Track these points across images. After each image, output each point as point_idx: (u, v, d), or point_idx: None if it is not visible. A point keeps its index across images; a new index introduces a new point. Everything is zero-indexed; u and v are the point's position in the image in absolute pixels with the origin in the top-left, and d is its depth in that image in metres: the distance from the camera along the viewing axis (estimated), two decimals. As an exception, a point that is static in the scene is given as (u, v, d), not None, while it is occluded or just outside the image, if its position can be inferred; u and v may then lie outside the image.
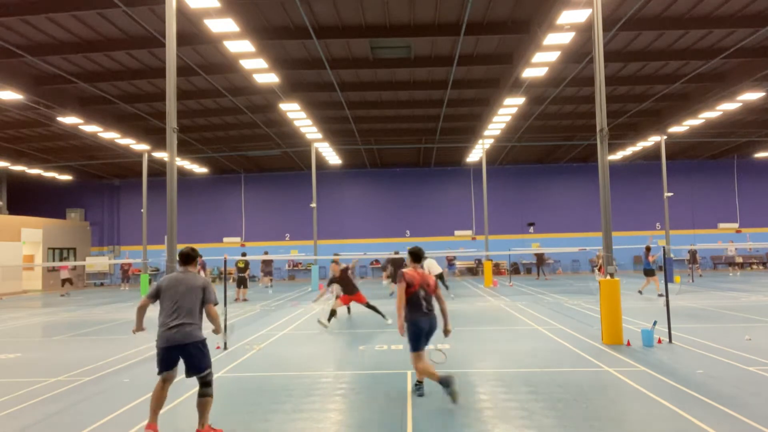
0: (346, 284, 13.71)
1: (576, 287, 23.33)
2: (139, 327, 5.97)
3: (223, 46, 15.41)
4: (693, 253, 27.86)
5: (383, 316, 13.45)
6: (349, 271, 14.09)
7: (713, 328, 11.90)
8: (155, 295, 5.80)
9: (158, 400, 5.73)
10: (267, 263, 26.96)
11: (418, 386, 7.19)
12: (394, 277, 18.16)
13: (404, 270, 7.02)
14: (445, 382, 6.65)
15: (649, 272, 18.36)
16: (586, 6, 12.57)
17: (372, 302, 13.88)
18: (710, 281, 25.11)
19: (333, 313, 13.20)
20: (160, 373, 5.72)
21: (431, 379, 6.84)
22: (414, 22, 15.75)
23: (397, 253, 20.20)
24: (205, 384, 5.72)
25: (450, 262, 31.19)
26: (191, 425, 6.30)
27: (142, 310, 5.92)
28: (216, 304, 5.91)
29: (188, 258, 5.97)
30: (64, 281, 27.70)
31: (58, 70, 17.90)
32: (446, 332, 7.11)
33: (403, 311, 6.82)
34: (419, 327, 6.80)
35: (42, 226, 31.77)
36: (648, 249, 18.56)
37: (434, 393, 7.22)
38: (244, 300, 20.66)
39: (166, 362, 5.68)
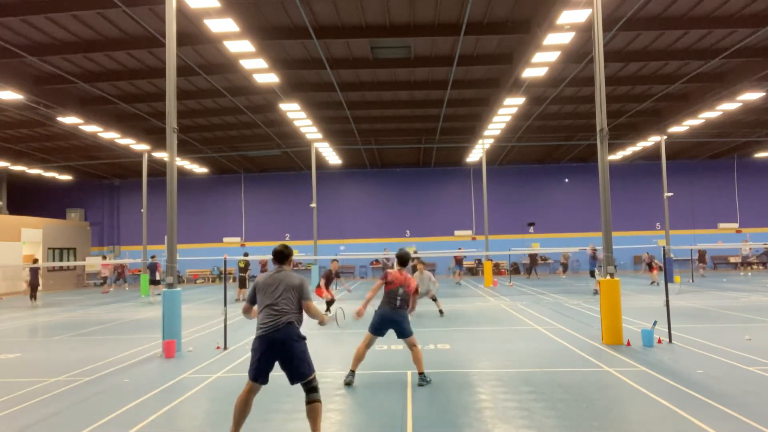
0: None
1: (576, 287, 23.32)
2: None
3: (223, 46, 15.40)
4: (703, 253, 28.15)
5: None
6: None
7: (713, 328, 11.90)
8: (253, 299, 5.61)
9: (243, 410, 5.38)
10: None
11: (350, 374, 7.84)
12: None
13: (389, 270, 7.90)
14: (349, 377, 7.79)
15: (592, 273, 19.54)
16: (586, 6, 12.57)
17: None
18: (710, 281, 25.11)
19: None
20: (254, 379, 5.38)
21: (352, 366, 7.83)
22: (414, 22, 15.74)
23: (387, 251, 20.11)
24: (312, 390, 5.35)
25: (458, 262, 30.28)
26: (191, 425, 6.30)
27: (247, 314, 5.72)
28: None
29: (282, 256, 5.69)
30: (104, 279, 28.22)
31: (58, 70, 17.89)
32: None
33: (370, 299, 7.62)
34: (382, 315, 7.73)
35: (42, 226, 31.76)
36: (594, 250, 19.55)
37: (434, 392, 7.23)
38: (244, 300, 20.65)
39: (262, 366, 5.34)
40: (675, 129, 25.86)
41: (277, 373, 8.84)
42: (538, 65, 16.59)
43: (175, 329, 10.55)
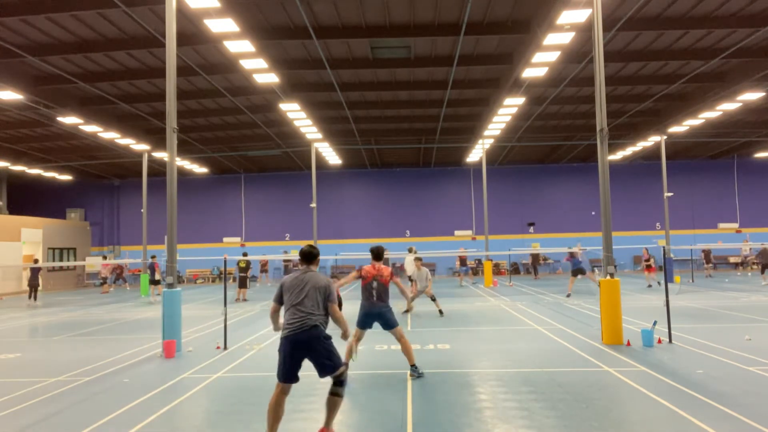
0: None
1: (576, 287, 23.29)
2: (278, 327, 5.66)
3: (223, 46, 15.40)
4: (708, 253, 28.11)
5: None
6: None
7: (713, 328, 11.90)
8: (279, 298, 5.59)
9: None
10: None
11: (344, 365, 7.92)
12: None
13: (363, 266, 8.32)
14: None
15: (576, 271, 19.57)
16: (586, 6, 12.57)
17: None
18: (711, 281, 25.10)
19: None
20: (284, 380, 5.41)
21: (346, 358, 7.89)
22: (414, 22, 15.74)
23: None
24: (338, 383, 5.49)
25: (463, 262, 28.77)
26: (191, 425, 6.30)
27: (275, 316, 5.68)
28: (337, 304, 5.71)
29: (311, 256, 5.68)
30: (104, 279, 28.23)
31: (58, 70, 17.89)
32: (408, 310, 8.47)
33: (343, 284, 8.24)
34: (363, 310, 8.13)
35: (42, 226, 31.76)
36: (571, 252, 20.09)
37: (434, 392, 7.22)
38: (244, 300, 20.66)
39: (289, 367, 5.36)
40: (675, 129, 25.85)
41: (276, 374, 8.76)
42: (538, 65, 16.59)
43: (175, 329, 10.55)
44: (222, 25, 13.30)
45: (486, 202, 27.76)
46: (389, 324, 8.02)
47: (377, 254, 8.25)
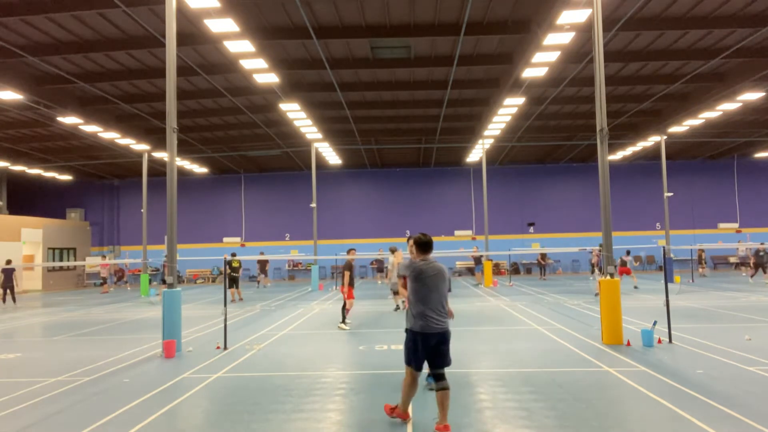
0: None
1: (576, 287, 23.32)
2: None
3: (223, 46, 15.41)
4: (700, 253, 28.01)
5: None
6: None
7: (713, 328, 11.90)
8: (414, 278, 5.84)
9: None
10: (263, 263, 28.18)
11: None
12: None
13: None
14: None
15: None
16: (586, 6, 12.57)
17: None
18: (711, 281, 25.10)
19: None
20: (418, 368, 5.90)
21: None
22: (414, 22, 15.74)
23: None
24: (442, 377, 5.85)
25: (477, 261, 26.94)
26: (191, 425, 6.30)
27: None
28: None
29: (428, 246, 5.97)
30: (104, 279, 28.32)
31: (58, 70, 17.89)
32: None
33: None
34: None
35: (42, 226, 31.76)
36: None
37: (434, 393, 7.21)
38: (240, 300, 20.62)
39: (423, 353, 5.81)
40: (675, 129, 25.86)
41: (277, 373, 8.80)
42: (538, 65, 16.60)
43: (175, 329, 10.54)
44: (222, 25, 13.30)
45: (486, 202, 27.76)
46: None
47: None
